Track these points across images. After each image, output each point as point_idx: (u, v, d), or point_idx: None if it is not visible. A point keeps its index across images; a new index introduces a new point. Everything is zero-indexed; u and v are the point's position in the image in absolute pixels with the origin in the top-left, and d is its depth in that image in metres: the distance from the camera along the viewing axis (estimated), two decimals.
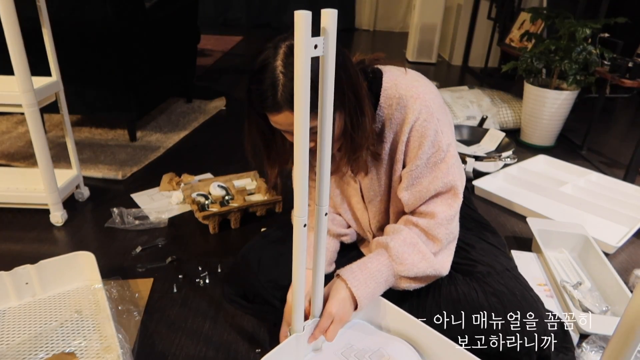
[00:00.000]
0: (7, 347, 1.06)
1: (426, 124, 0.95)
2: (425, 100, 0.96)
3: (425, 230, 0.99)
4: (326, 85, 0.69)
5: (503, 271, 1.04)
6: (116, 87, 2.13)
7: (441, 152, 0.97)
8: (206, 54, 4.22)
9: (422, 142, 0.96)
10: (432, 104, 0.96)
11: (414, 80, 0.99)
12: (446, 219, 0.99)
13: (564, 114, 2.38)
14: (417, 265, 0.97)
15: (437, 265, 0.99)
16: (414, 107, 0.95)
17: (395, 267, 0.97)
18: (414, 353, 0.96)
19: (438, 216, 0.98)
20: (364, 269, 0.96)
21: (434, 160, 0.97)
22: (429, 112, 0.95)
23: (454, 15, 4.29)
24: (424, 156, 0.97)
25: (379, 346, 0.97)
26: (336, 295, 0.94)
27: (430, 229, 0.99)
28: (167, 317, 1.20)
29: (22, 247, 1.47)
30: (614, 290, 1.28)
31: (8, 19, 1.28)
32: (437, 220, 0.98)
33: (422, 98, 0.96)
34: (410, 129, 0.96)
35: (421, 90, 0.97)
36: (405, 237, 0.98)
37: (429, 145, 0.96)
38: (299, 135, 0.68)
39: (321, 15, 0.65)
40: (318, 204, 0.79)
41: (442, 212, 0.99)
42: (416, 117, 0.95)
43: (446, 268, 1.00)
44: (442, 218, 0.99)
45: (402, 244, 0.98)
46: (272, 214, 1.67)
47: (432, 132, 0.95)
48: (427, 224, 0.99)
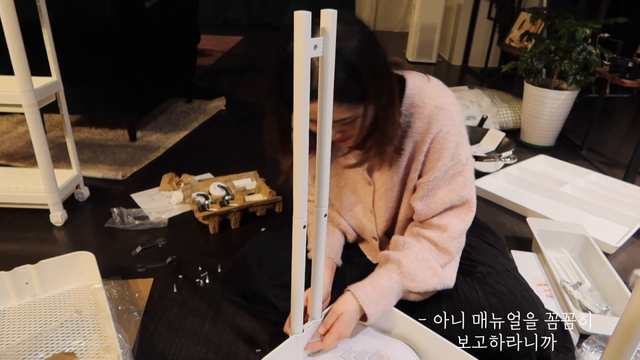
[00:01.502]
0: (7, 347, 1.06)
1: (449, 136, 0.94)
2: (450, 112, 0.95)
3: (436, 243, 0.99)
4: (326, 85, 0.69)
5: (503, 272, 1.04)
6: (116, 87, 2.13)
7: (460, 165, 0.97)
8: (206, 54, 4.22)
9: (442, 154, 0.95)
10: (455, 116, 0.96)
11: (438, 90, 0.97)
12: (458, 233, 0.99)
13: (564, 114, 2.38)
14: (428, 282, 0.97)
15: (445, 280, 0.98)
16: (438, 118, 0.94)
17: (407, 284, 0.97)
18: (413, 355, 0.96)
19: (451, 230, 0.98)
20: (376, 286, 0.96)
21: (452, 172, 0.97)
22: (453, 124, 0.95)
23: (454, 15, 4.29)
24: (443, 168, 0.96)
25: (378, 348, 0.97)
26: (347, 311, 0.94)
27: (442, 242, 0.98)
28: (167, 317, 1.20)
29: (22, 247, 1.47)
30: (614, 290, 1.28)
31: (8, 19, 1.28)
32: (449, 233, 0.98)
33: (447, 109, 0.95)
34: (432, 140, 0.95)
35: (446, 101, 0.95)
36: (417, 254, 0.98)
37: (449, 157, 0.95)
38: (299, 135, 0.68)
39: (321, 16, 0.65)
40: (317, 205, 0.79)
41: (455, 225, 0.99)
42: (440, 128, 0.94)
43: (453, 280, 1.00)
44: (455, 232, 0.98)
45: (414, 261, 0.97)
46: (272, 214, 1.67)
47: (453, 145, 0.95)
48: (440, 237, 0.98)
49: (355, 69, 0.82)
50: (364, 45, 0.83)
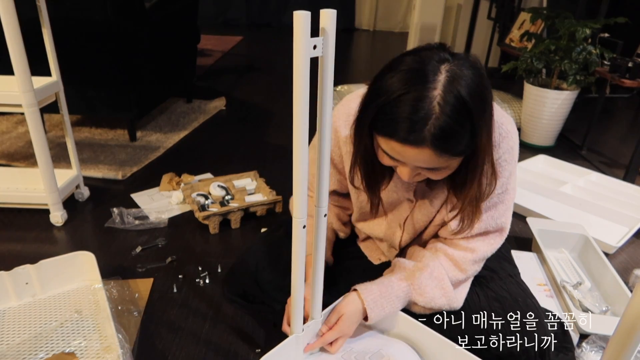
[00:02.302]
0: (7, 347, 1.06)
1: (505, 164, 0.90)
2: (513, 141, 0.90)
3: (457, 262, 0.97)
4: (326, 85, 0.69)
5: (506, 277, 1.04)
6: (116, 87, 2.13)
7: (507, 195, 0.94)
8: (206, 54, 4.22)
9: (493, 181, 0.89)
10: (515, 145, 0.91)
11: (502, 116, 0.90)
12: (482, 257, 0.98)
13: (564, 114, 2.38)
14: (435, 300, 0.95)
15: (453, 302, 0.96)
16: (501, 146, 0.88)
17: (414, 297, 0.96)
18: (414, 354, 0.96)
19: (477, 252, 0.96)
20: (383, 292, 0.95)
21: (495, 200, 0.93)
22: (512, 154, 0.91)
23: (454, 15, 4.28)
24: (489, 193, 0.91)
25: (379, 347, 0.97)
26: (350, 310, 0.93)
27: (464, 263, 0.97)
28: (167, 317, 1.20)
29: (22, 247, 1.47)
30: (614, 290, 1.28)
31: (8, 19, 1.28)
32: (474, 256, 0.97)
33: (510, 137, 0.90)
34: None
35: (509, 128, 0.90)
36: (433, 270, 0.96)
37: (499, 185, 0.90)
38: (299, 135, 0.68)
39: (320, 16, 0.65)
40: (317, 205, 0.79)
41: (482, 250, 0.97)
42: (500, 155, 0.89)
43: (461, 302, 0.98)
44: (479, 256, 0.97)
45: (427, 277, 0.95)
46: (272, 214, 1.67)
47: (507, 174, 0.91)
48: (463, 257, 0.97)
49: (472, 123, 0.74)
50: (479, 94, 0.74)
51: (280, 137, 2.42)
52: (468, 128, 0.73)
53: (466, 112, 0.73)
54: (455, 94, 0.72)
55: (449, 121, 0.71)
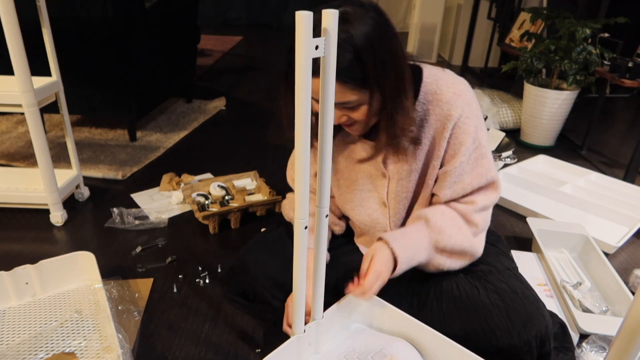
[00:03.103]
0: (7, 347, 1.06)
1: (468, 121, 0.97)
2: (467, 98, 0.98)
3: (463, 213, 1.02)
4: (327, 85, 0.69)
5: (504, 270, 1.05)
6: (116, 87, 2.13)
7: (482, 148, 0.99)
8: (206, 54, 4.22)
9: (464, 138, 0.97)
10: (472, 101, 0.99)
11: (453, 77, 1.00)
12: (483, 206, 1.02)
13: (564, 114, 2.38)
14: (454, 237, 1.00)
15: (474, 243, 1.02)
16: (457, 104, 0.96)
17: (434, 237, 0.99)
18: (416, 353, 0.96)
19: (477, 203, 1.01)
20: (405, 235, 1.00)
21: (475, 156, 0.99)
22: (471, 109, 0.97)
23: (454, 15, 4.28)
24: (467, 152, 0.98)
25: (381, 347, 0.97)
26: (380, 254, 0.96)
27: (469, 214, 1.01)
28: (167, 317, 1.20)
29: (22, 247, 1.47)
30: (614, 290, 1.28)
31: (8, 19, 1.27)
32: (475, 206, 1.01)
33: (465, 96, 0.97)
34: (453, 126, 0.97)
35: (462, 88, 0.98)
36: (444, 211, 1.01)
37: (471, 141, 0.97)
38: (299, 134, 0.68)
39: (322, 16, 0.65)
40: (319, 206, 0.79)
41: (481, 200, 1.02)
42: (460, 114, 0.96)
43: (481, 250, 1.04)
44: (480, 205, 1.01)
45: (440, 217, 1.01)
46: (272, 214, 1.67)
47: (473, 129, 0.97)
48: (465, 208, 1.01)
49: (358, 53, 0.83)
50: (374, 32, 0.85)
51: (280, 137, 2.42)
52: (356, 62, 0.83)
53: (354, 49, 0.82)
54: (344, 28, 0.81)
55: (341, 51, 0.79)
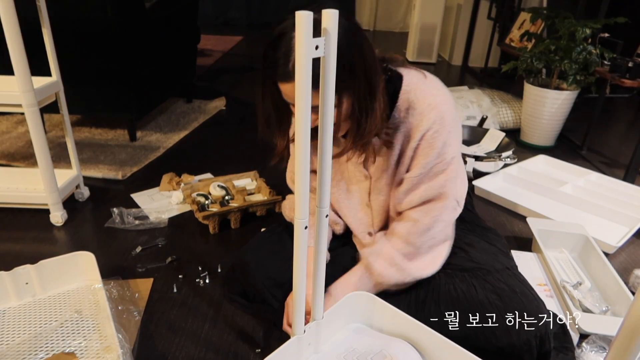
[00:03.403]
0: (7, 347, 1.06)
1: (437, 135, 0.97)
2: (442, 112, 0.97)
3: (405, 237, 1.03)
4: (328, 85, 0.69)
5: (503, 269, 1.05)
6: (116, 87, 2.13)
7: (444, 164, 1.00)
8: (206, 54, 4.22)
9: (429, 152, 0.98)
10: (447, 115, 0.97)
11: (432, 88, 0.99)
12: (426, 228, 1.03)
13: (564, 114, 2.38)
14: (392, 278, 1.03)
15: (415, 273, 1.03)
16: (429, 116, 0.96)
17: (375, 279, 1.04)
18: (416, 354, 0.96)
19: (419, 223, 1.02)
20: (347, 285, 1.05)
21: (435, 170, 1.00)
22: (443, 123, 0.97)
23: (454, 15, 4.28)
24: (428, 166, 0.99)
25: (381, 348, 0.97)
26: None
27: (410, 235, 1.03)
28: (167, 317, 1.20)
29: (22, 247, 1.46)
30: (614, 290, 1.28)
31: (8, 19, 1.27)
32: (417, 227, 1.02)
33: (439, 109, 0.97)
34: (421, 137, 0.98)
35: (439, 100, 0.97)
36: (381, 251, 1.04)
37: (435, 156, 0.98)
38: (300, 135, 0.68)
39: (322, 16, 0.65)
40: (319, 206, 0.79)
41: (424, 221, 1.02)
42: (429, 126, 0.96)
43: (427, 271, 1.04)
44: (423, 227, 1.02)
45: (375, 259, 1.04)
46: (272, 214, 1.67)
47: (440, 144, 0.97)
48: (408, 230, 1.03)
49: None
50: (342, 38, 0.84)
51: None
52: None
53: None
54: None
55: None
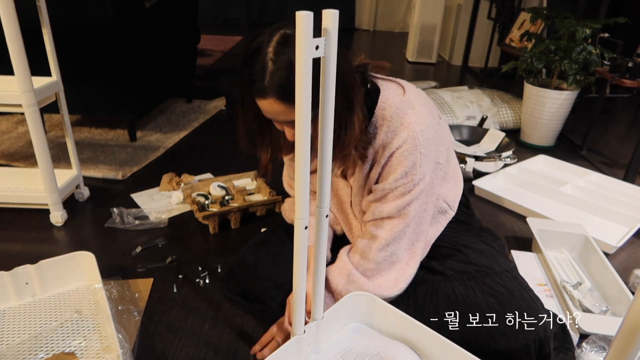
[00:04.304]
0: (7, 347, 1.06)
1: (406, 154, 0.96)
2: (414, 132, 0.95)
3: (363, 252, 1.04)
4: (328, 86, 0.69)
5: (502, 272, 1.04)
6: (116, 87, 2.13)
7: (410, 184, 0.98)
8: (206, 54, 4.22)
9: (397, 169, 0.97)
10: (419, 135, 0.96)
11: (409, 107, 0.98)
12: (384, 244, 1.02)
13: (564, 114, 2.38)
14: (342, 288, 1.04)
15: (374, 291, 1.02)
16: (400, 135, 0.96)
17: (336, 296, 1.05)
18: (414, 355, 0.96)
19: (379, 240, 1.02)
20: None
21: (401, 190, 0.99)
22: (414, 144, 0.95)
23: (454, 15, 4.28)
24: (394, 183, 0.98)
25: (379, 350, 0.97)
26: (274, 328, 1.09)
27: (369, 252, 1.03)
28: (167, 317, 1.20)
29: (22, 247, 1.46)
30: (614, 290, 1.28)
31: (8, 19, 1.27)
32: (377, 244, 1.02)
33: (411, 128, 0.95)
34: (390, 155, 0.98)
35: (413, 120, 0.96)
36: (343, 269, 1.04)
37: (402, 174, 0.97)
38: (300, 135, 0.68)
39: (322, 16, 0.65)
40: (319, 206, 0.79)
41: (384, 237, 1.02)
42: (399, 145, 0.96)
43: (388, 292, 1.03)
44: (382, 244, 1.02)
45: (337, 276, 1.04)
46: (272, 214, 1.67)
47: (409, 164, 0.96)
48: (368, 246, 1.03)
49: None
50: None
51: None
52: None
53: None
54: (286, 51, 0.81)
55: (282, 72, 0.81)
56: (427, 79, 3.53)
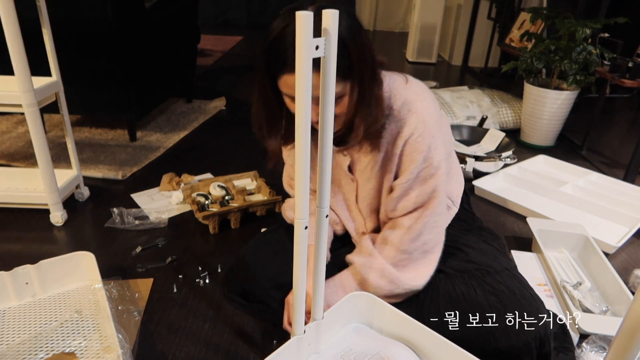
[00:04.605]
0: (7, 347, 1.06)
1: (420, 139, 0.97)
2: (422, 116, 0.97)
3: (395, 244, 1.03)
4: (328, 86, 0.69)
5: (502, 270, 1.05)
6: (116, 87, 2.13)
7: (432, 169, 0.99)
8: (206, 54, 4.22)
9: (414, 157, 0.98)
10: (429, 119, 0.97)
11: (413, 93, 0.99)
12: (418, 234, 1.02)
13: (564, 114, 2.38)
14: (382, 289, 1.02)
15: (405, 283, 1.01)
16: (410, 122, 0.96)
17: (363, 288, 1.03)
18: (414, 356, 0.96)
19: (411, 231, 1.02)
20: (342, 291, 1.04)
21: (424, 175, 0.99)
22: (425, 127, 0.96)
23: (454, 15, 4.28)
24: (415, 171, 0.99)
25: (378, 350, 0.97)
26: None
27: (402, 243, 1.02)
28: (167, 317, 1.20)
29: (22, 247, 1.46)
30: (614, 290, 1.28)
31: (8, 19, 1.27)
32: (410, 235, 1.02)
33: (419, 113, 0.96)
34: (404, 143, 0.98)
35: (419, 105, 0.97)
36: (373, 263, 1.03)
37: (421, 160, 0.98)
38: (300, 135, 0.68)
39: (322, 16, 0.65)
40: (319, 206, 0.79)
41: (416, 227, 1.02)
42: (411, 132, 0.96)
43: (417, 282, 1.03)
44: (414, 234, 1.02)
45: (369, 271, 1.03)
46: (272, 214, 1.67)
47: (425, 148, 0.97)
48: (401, 238, 1.02)
49: (344, 45, 0.83)
50: (352, 24, 0.86)
51: None
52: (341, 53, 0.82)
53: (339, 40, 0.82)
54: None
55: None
56: (427, 79, 3.53)
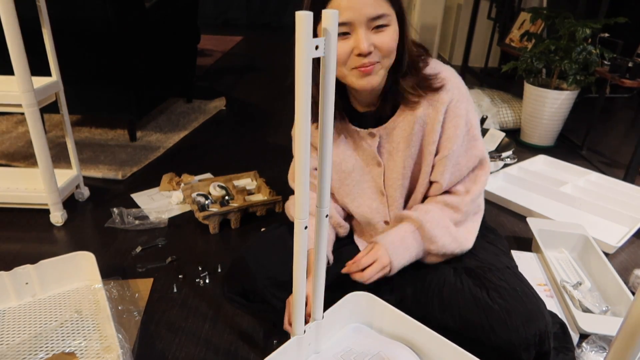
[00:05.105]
0: (7, 347, 1.06)
1: (459, 104, 1.00)
2: (456, 83, 1.01)
3: (457, 207, 1.05)
4: (328, 86, 0.69)
5: (504, 268, 1.05)
6: (116, 87, 2.13)
7: (474, 129, 1.03)
8: (206, 54, 4.22)
9: (458, 122, 1.01)
10: (461, 85, 1.02)
11: (441, 65, 1.04)
12: (477, 194, 1.06)
13: (564, 114, 2.38)
14: (446, 247, 1.03)
15: (464, 244, 1.05)
16: (447, 88, 1.00)
17: (427, 246, 1.04)
18: (414, 356, 0.96)
19: (472, 193, 1.05)
20: (402, 242, 1.02)
21: (468, 138, 1.03)
22: (461, 92, 1.01)
23: (454, 15, 4.29)
24: (461, 135, 1.01)
25: (378, 350, 0.97)
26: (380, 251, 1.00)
27: (463, 205, 1.05)
28: (167, 317, 1.20)
29: (22, 247, 1.47)
30: (614, 290, 1.28)
31: (8, 19, 1.27)
32: (470, 196, 1.05)
33: (453, 80, 1.01)
34: (446, 110, 1.00)
35: (449, 74, 1.02)
36: (439, 220, 1.03)
37: (464, 124, 1.01)
38: (300, 134, 0.68)
39: (322, 16, 0.65)
40: (319, 206, 0.79)
41: (475, 190, 1.05)
42: (451, 97, 1.00)
43: (470, 242, 1.07)
44: (474, 195, 1.05)
45: (435, 227, 1.02)
46: (272, 214, 1.67)
47: (464, 112, 1.01)
48: (461, 201, 1.05)
49: None
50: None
51: (280, 137, 2.42)
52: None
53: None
54: None
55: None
56: None
